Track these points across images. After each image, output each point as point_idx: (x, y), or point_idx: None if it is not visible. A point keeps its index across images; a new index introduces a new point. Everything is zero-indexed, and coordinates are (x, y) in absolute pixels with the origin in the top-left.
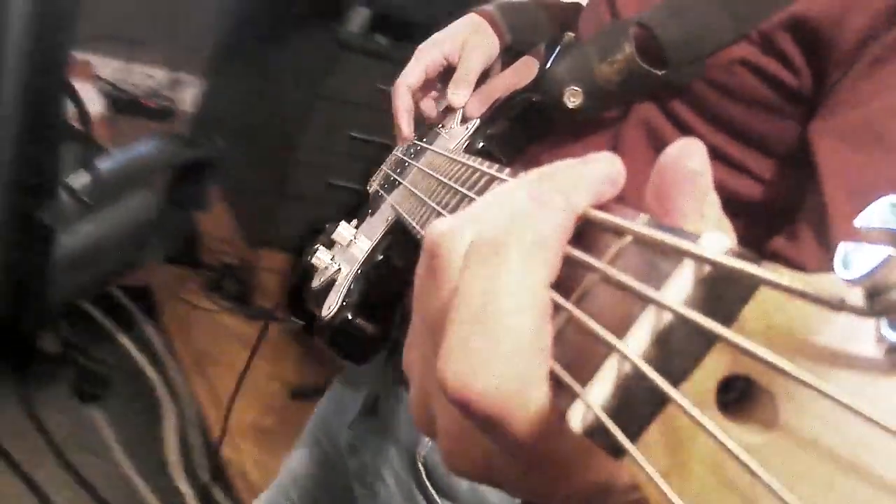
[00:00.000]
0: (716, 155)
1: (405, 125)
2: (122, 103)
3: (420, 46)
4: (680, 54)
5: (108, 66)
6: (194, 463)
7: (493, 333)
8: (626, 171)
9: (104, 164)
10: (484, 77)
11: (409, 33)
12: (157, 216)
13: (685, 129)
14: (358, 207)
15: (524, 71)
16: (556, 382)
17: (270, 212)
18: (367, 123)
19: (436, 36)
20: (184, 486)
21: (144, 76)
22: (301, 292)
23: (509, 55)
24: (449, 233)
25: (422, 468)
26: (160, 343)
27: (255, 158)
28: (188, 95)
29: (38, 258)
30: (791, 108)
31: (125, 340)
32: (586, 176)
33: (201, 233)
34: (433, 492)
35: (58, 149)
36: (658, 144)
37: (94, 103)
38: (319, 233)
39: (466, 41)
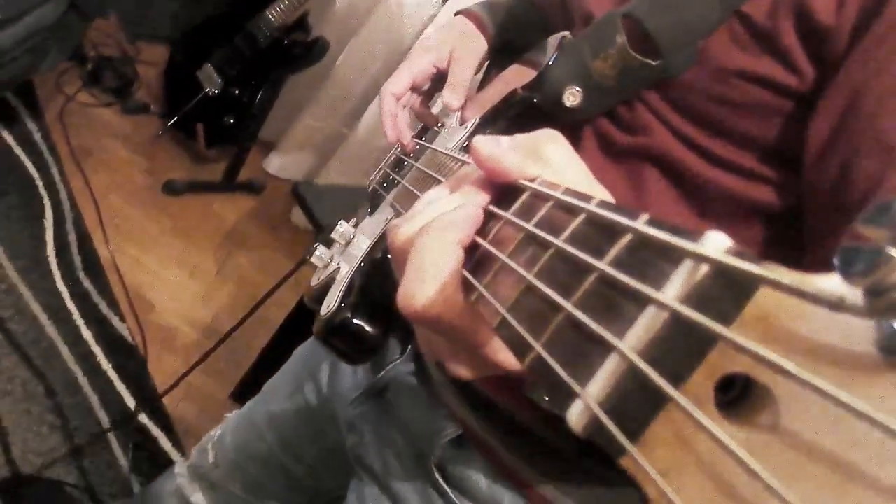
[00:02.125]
0: (731, 168)
1: (389, 129)
2: None
3: (410, 53)
4: (671, 41)
5: None
6: (70, 261)
7: (421, 271)
8: (645, 200)
9: None
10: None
11: None
12: (57, 21)
13: (694, 148)
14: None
15: (517, 76)
16: (466, 289)
17: (154, 4)
18: None
19: (425, 43)
20: (61, 285)
21: None
22: (179, 88)
23: (501, 55)
24: (393, 228)
25: (435, 470)
26: (41, 138)
27: None
28: None
29: None
30: (798, 110)
31: (7, 136)
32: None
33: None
34: (448, 489)
35: None
36: (675, 170)
37: None
38: (201, 32)
39: (455, 49)
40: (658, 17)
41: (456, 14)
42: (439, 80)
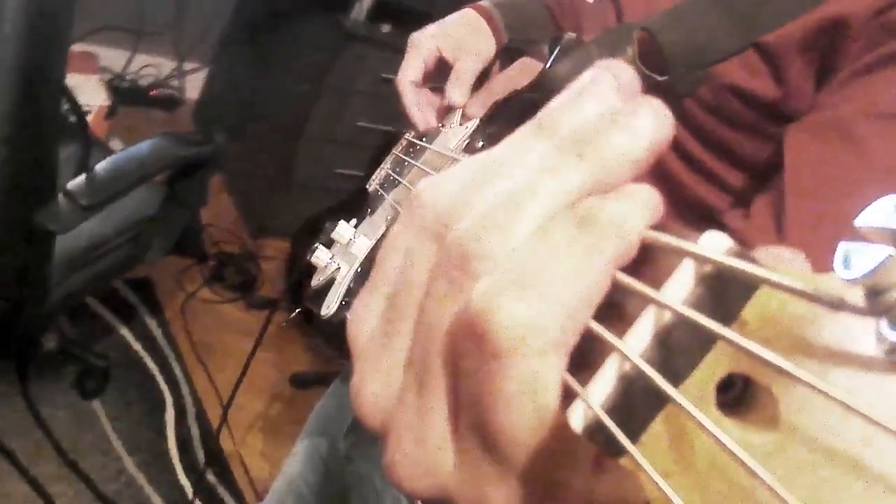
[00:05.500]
0: (708, 176)
1: (420, 119)
2: (127, 94)
3: (413, 37)
4: (681, 61)
5: (111, 58)
6: (193, 455)
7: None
8: None
9: (102, 166)
10: (482, 77)
11: (411, 21)
12: (158, 213)
13: (680, 152)
14: (358, 206)
15: (523, 72)
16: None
17: (274, 201)
18: (372, 112)
19: (431, 28)
20: (183, 479)
21: (149, 66)
22: (302, 281)
23: (507, 53)
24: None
25: None
26: (161, 335)
27: (260, 148)
28: (194, 84)
29: (37, 262)
30: (778, 129)
31: (126, 333)
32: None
33: (203, 223)
34: None
35: (55, 151)
36: (657, 171)
37: (98, 95)
38: (320, 224)
39: (462, 41)
40: (673, 34)
41: (466, 6)
42: (443, 73)
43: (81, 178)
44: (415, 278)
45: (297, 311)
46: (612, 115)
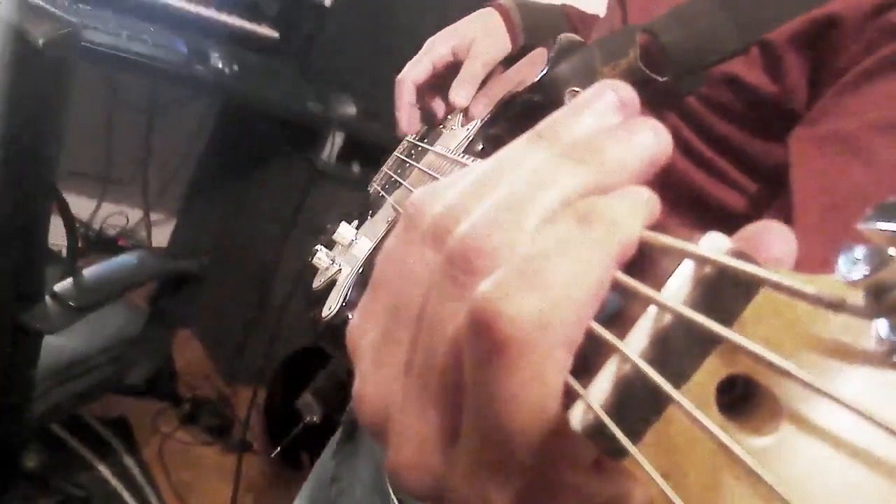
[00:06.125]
0: (708, 166)
1: (404, 119)
2: (94, 242)
3: (430, 39)
4: (682, 62)
5: (80, 204)
6: None
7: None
8: None
9: (89, 271)
10: (487, 76)
11: (380, 160)
12: (141, 334)
13: (680, 141)
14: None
15: (534, 62)
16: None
17: (247, 346)
18: None
19: (447, 29)
20: None
21: (117, 215)
22: (279, 421)
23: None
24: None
25: (390, 487)
26: (139, 474)
27: (231, 294)
28: (162, 232)
29: (23, 364)
30: (780, 128)
31: (104, 469)
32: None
33: (176, 368)
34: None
35: (43, 253)
36: None
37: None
38: (295, 366)
39: (475, 41)
40: (675, 34)
41: (487, 5)
42: (451, 71)
43: (68, 280)
44: (414, 284)
45: (277, 451)
46: (611, 129)
